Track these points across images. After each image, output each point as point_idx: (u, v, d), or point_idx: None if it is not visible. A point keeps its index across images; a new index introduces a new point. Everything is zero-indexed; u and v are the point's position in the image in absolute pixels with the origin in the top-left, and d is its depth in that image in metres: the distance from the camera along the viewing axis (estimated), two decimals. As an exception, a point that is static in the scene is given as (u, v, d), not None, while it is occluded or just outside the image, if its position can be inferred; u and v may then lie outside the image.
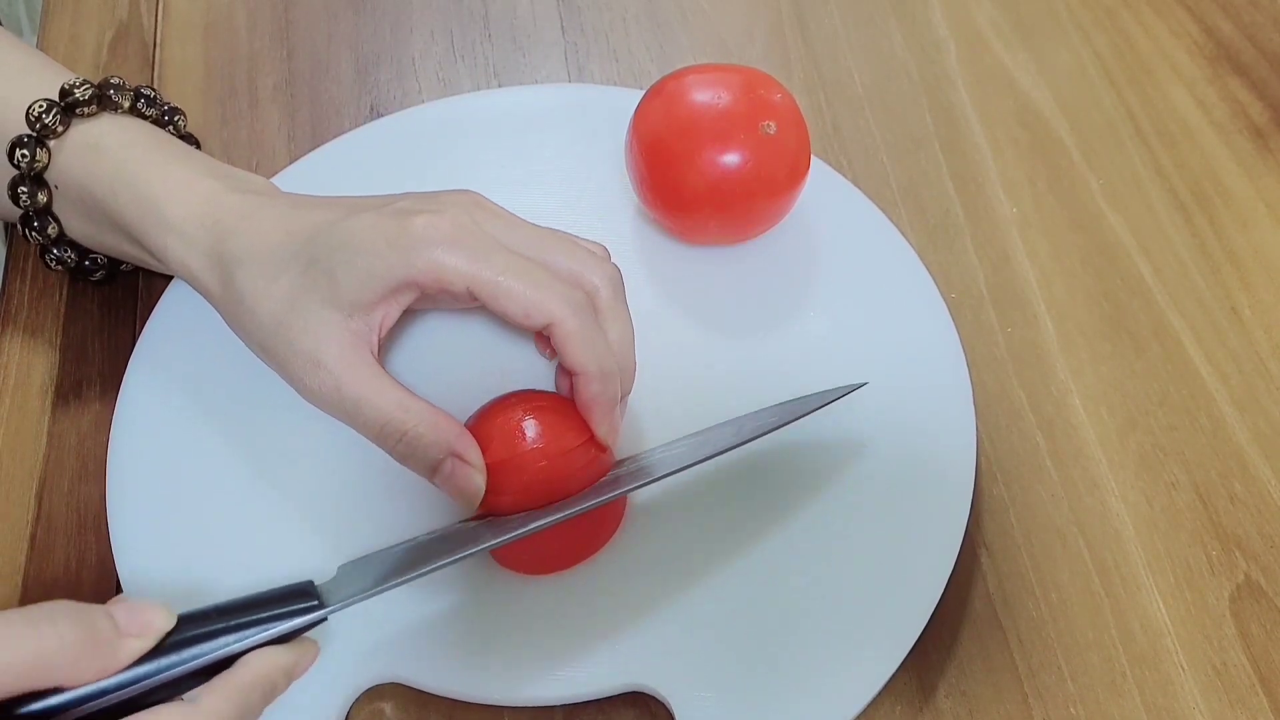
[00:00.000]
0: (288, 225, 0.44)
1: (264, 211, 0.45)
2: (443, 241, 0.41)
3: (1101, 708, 0.44)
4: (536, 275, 0.41)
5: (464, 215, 0.42)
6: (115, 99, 0.48)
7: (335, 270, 0.42)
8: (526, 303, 0.41)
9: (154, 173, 0.46)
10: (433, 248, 0.41)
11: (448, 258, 0.41)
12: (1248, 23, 0.64)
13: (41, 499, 0.48)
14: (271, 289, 0.42)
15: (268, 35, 0.63)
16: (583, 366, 0.42)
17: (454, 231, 0.41)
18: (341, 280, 0.41)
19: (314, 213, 0.44)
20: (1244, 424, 0.51)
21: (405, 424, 0.41)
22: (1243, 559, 0.47)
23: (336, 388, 0.41)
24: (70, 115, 0.47)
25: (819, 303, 0.52)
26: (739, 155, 0.48)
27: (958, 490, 0.47)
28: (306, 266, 0.42)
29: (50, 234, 0.49)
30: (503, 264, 0.41)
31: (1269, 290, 0.54)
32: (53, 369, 0.51)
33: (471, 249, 0.41)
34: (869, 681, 0.43)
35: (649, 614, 0.44)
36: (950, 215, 0.57)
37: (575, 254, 0.43)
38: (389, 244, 0.41)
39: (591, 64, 0.62)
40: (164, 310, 0.51)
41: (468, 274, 0.41)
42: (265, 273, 0.43)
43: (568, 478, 0.43)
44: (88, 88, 0.47)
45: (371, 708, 0.43)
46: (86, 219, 0.48)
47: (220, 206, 0.45)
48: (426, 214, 0.42)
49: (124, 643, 0.34)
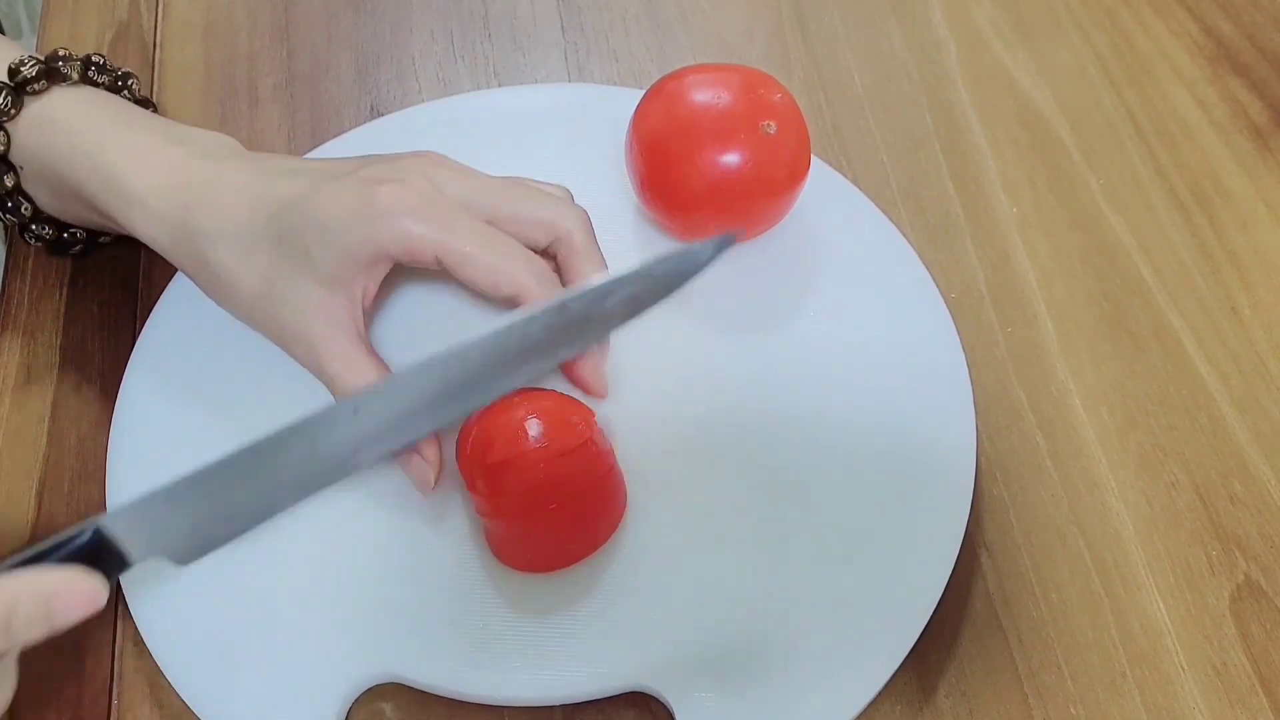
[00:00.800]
0: (254, 196, 0.44)
1: (226, 179, 0.45)
2: (409, 212, 0.42)
3: (1101, 708, 0.44)
4: (503, 246, 0.42)
5: (426, 181, 0.43)
6: (64, 71, 0.48)
7: (308, 248, 0.42)
8: (494, 273, 0.42)
9: (110, 143, 0.46)
10: (400, 219, 0.42)
11: (416, 228, 0.42)
12: (1248, 23, 0.64)
13: (41, 499, 0.48)
14: (247, 265, 0.43)
15: (268, 35, 0.63)
16: None
17: (419, 201, 0.42)
18: (316, 257, 0.42)
19: (279, 182, 0.44)
20: (1244, 424, 0.50)
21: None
22: (1243, 559, 0.47)
23: (318, 362, 0.43)
24: (21, 94, 0.47)
25: (819, 303, 0.52)
26: (739, 155, 0.48)
27: (958, 490, 0.47)
28: (278, 243, 0.43)
29: (25, 213, 0.49)
30: (469, 233, 0.42)
31: (1269, 290, 0.54)
32: (53, 369, 0.51)
33: (438, 218, 0.42)
34: (869, 681, 0.43)
35: (649, 614, 0.44)
36: (950, 215, 0.57)
37: (542, 201, 0.44)
38: (356, 218, 0.42)
39: (591, 64, 0.62)
40: (164, 310, 0.51)
41: (435, 243, 0.42)
42: (238, 249, 0.43)
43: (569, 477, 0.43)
44: (34, 64, 0.47)
45: (371, 708, 0.43)
46: (55, 195, 0.48)
47: (182, 176, 0.45)
48: (390, 183, 0.42)
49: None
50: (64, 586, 0.33)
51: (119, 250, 0.55)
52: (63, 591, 0.33)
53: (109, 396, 0.49)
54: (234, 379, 0.49)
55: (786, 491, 0.47)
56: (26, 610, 0.33)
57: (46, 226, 0.50)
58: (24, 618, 0.33)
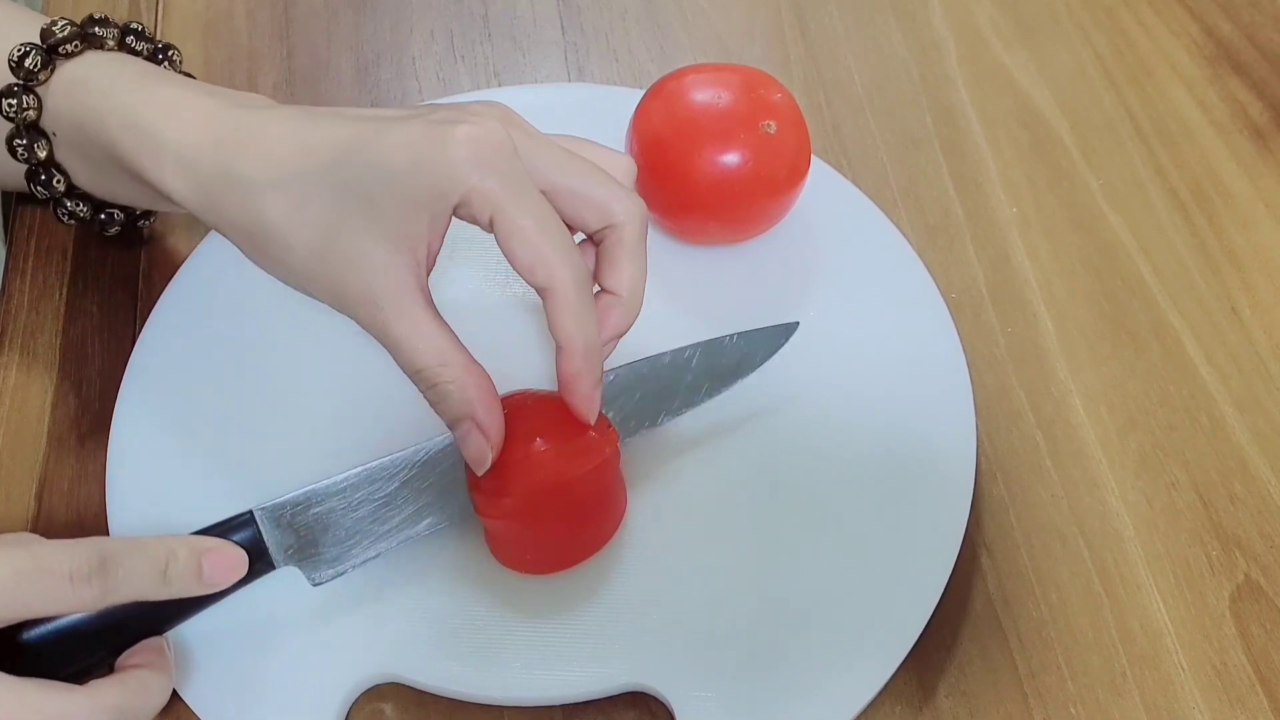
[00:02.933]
0: (305, 141, 0.40)
1: (273, 126, 0.41)
2: (481, 162, 0.38)
3: (1101, 708, 0.44)
4: (554, 234, 0.39)
5: (499, 131, 0.39)
6: (100, 34, 0.46)
7: (373, 197, 0.39)
8: (536, 259, 0.39)
9: (142, 97, 0.43)
10: (471, 170, 0.38)
11: (484, 181, 0.38)
12: (1248, 23, 0.64)
13: (41, 499, 0.48)
14: (300, 218, 0.40)
15: (268, 34, 0.63)
16: (569, 340, 0.40)
17: (493, 153, 0.39)
18: (382, 207, 0.39)
19: (334, 127, 0.41)
20: (1244, 424, 0.50)
21: (437, 378, 0.40)
22: (1243, 559, 0.47)
23: (385, 325, 0.39)
24: (54, 56, 0.45)
25: (819, 303, 0.52)
26: (739, 155, 0.48)
27: (958, 490, 0.47)
28: (339, 192, 0.39)
29: (58, 187, 0.47)
30: (532, 206, 0.39)
31: (1269, 290, 0.54)
32: (53, 369, 0.51)
33: (505, 177, 0.39)
34: (869, 681, 0.43)
35: (649, 614, 0.44)
36: (950, 215, 0.57)
37: (605, 183, 0.42)
38: (429, 162, 0.38)
39: (591, 64, 0.62)
40: (164, 310, 0.51)
41: (497, 204, 0.39)
42: (290, 200, 0.40)
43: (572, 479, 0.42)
44: (67, 25, 0.45)
45: (371, 708, 0.43)
46: (88, 162, 0.46)
47: (221, 123, 0.42)
48: (464, 126, 0.39)
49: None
50: (215, 548, 0.40)
51: (119, 250, 0.55)
52: (213, 552, 0.40)
53: (109, 396, 0.49)
54: (234, 378, 0.49)
55: (786, 492, 0.47)
56: (184, 561, 0.39)
57: (81, 204, 0.48)
58: (181, 567, 0.39)
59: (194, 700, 0.42)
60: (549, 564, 0.44)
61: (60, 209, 0.48)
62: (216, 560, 0.40)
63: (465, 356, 0.40)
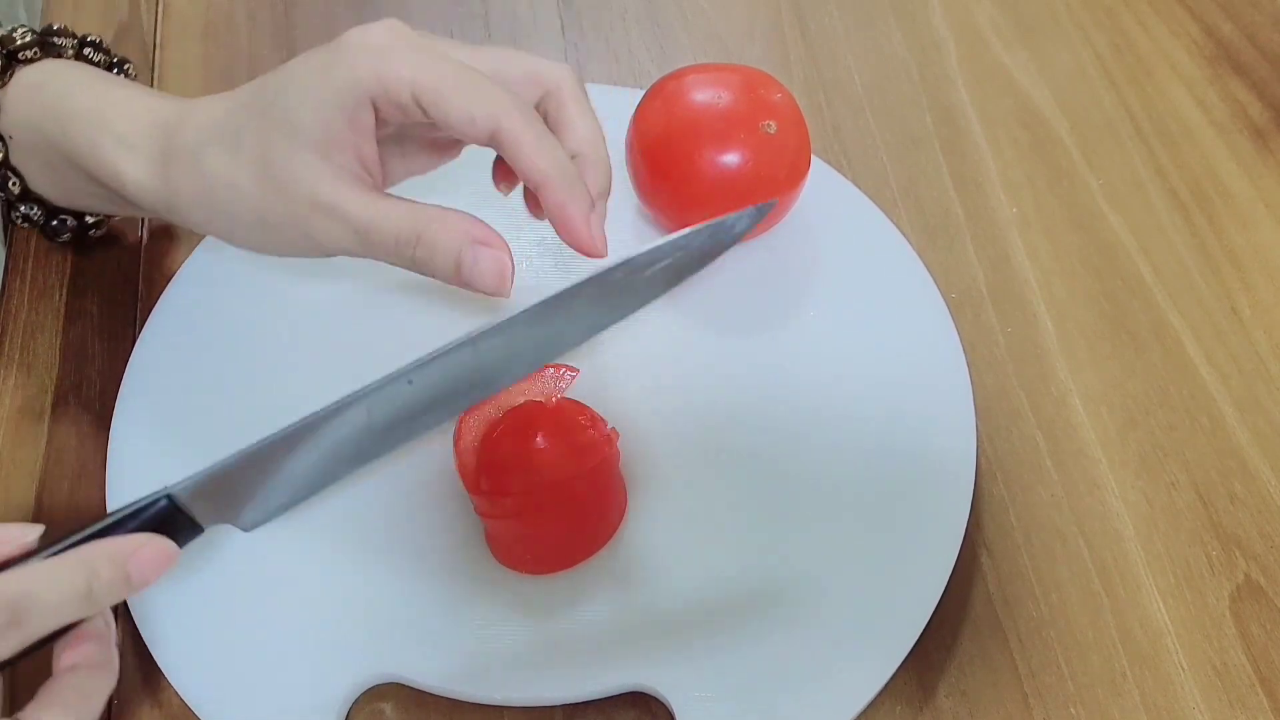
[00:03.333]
0: (229, 98, 0.42)
1: (209, 102, 0.43)
2: (381, 48, 0.40)
3: (1101, 708, 0.44)
4: (480, 80, 0.39)
5: (396, 26, 0.41)
6: (58, 44, 0.47)
7: (288, 111, 0.40)
8: (471, 104, 0.39)
9: (97, 99, 0.45)
10: (374, 56, 0.39)
11: (391, 64, 0.39)
12: (1248, 23, 0.64)
13: (41, 499, 0.48)
14: (238, 157, 0.40)
15: (268, 35, 0.63)
16: (542, 173, 0.39)
17: (392, 38, 0.40)
18: (298, 118, 0.39)
19: (251, 82, 0.43)
20: (1244, 424, 0.51)
21: (416, 227, 0.39)
22: (1243, 559, 0.47)
23: (344, 220, 0.39)
24: (12, 62, 0.46)
25: (819, 303, 0.52)
26: (739, 155, 0.48)
27: (958, 490, 0.47)
28: (260, 120, 0.40)
29: (13, 189, 0.48)
30: (448, 68, 0.39)
31: (1269, 290, 0.54)
32: (53, 369, 0.51)
33: (413, 55, 0.40)
34: (869, 681, 0.43)
35: (649, 614, 0.44)
36: (950, 215, 0.57)
37: (525, 57, 0.42)
38: (329, 66, 0.40)
39: (591, 64, 0.62)
40: (164, 310, 0.51)
41: (410, 78, 0.39)
42: (226, 145, 0.41)
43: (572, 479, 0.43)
44: (27, 33, 0.46)
45: (371, 708, 0.43)
46: (44, 165, 0.47)
47: (166, 110, 0.44)
48: (357, 29, 0.41)
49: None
50: (139, 549, 0.36)
51: (119, 250, 0.55)
52: (138, 554, 0.35)
53: (109, 397, 0.49)
54: (234, 378, 0.49)
55: (786, 492, 0.47)
56: (107, 575, 0.35)
57: (36, 207, 0.49)
58: (105, 582, 0.35)
59: (194, 700, 0.42)
60: (549, 564, 0.44)
61: (13, 212, 0.49)
62: (144, 561, 0.36)
63: (434, 206, 0.40)
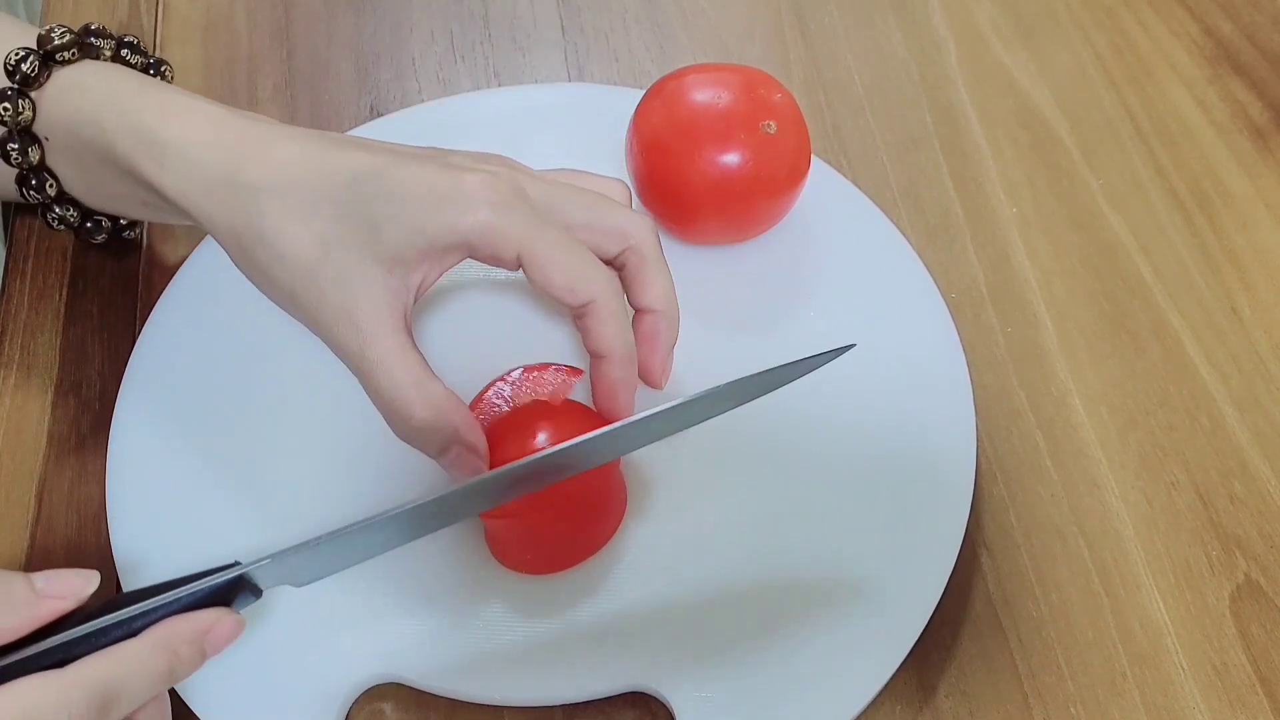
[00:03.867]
0: (321, 162, 0.41)
1: (287, 143, 0.42)
2: (500, 203, 0.40)
3: (1101, 708, 0.44)
4: (584, 253, 0.41)
5: (513, 177, 0.41)
6: (96, 45, 0.46)
7: (380, 221, 0.40)
8: (573, 277, 0.41)
9: (143, 101, 0.44)
10: (489, 209, 0.40)
11: (503, 220, 0.40)
12: (1248, 23, 0.64)
13: (41, 499, 0.48)
14: (302, 230, 0.40)
15: (268, 35, 0.63)
16: (611, 349, 0.42)
17: (507, 194, 0.40)
18: (386, 232, 0.40)
19: (349, 154, 0.41)
20: (1244, 424, 0.50)
21: (412, 409, 0.40)
22: (1243, 559, 0.47)
23: (361, 347, 0.40)
24: (50, 63, 0.45)
25: (819, 303, 0.52)
26: (739, 155, 0.48)
27: (958, 490, 0.47)
28: (344, 211, 0.40)
29: (49, 191, 0.47)
30: (555, 236, 0.41)
31: (1269, 290, 0.54)
32: (52, 369, 0.51)
33: (525, 214, 0.40)
34: (869, 681, 0.43)
35: (649, 614, 0.44)
36: (950, 215, 0.57)
37: (616, 211, 0.44)
38: (442, 199, 0.40)
39: (591, 64, 0.62)
40: (164, 310, 0.51)
41: (521, 240, 0.40)
42: (295, 209, 0.40)
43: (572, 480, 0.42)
44: (66, 33, 0.46)
45: (371, 708, 0.43)
46: (81, 167, 0.46)
47: (230, 129, 0.42)
48: (480, 173, 0.40)
49: (41, 603, 0.36)
50: (214, 626, 0.38)
51: (119, 250, 0.55)
52: (214, 631, 0.38)
53: (109, 396, 0.49)
54: (234, 379, 0.49)
55: (786, 492, 0.47)
56: (186, 654, 0.37)
57: (71, 209, 0.48)
58: (184, 660, 0.37)
59: (194, 700, 0.42)
60: (549, 564, 0.44)
61: (49, 214, 0.49)
62: (218, 637, 0.38)
63: (441, 386, 0.41)
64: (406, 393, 0.40)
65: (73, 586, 0.36)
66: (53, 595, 0.36)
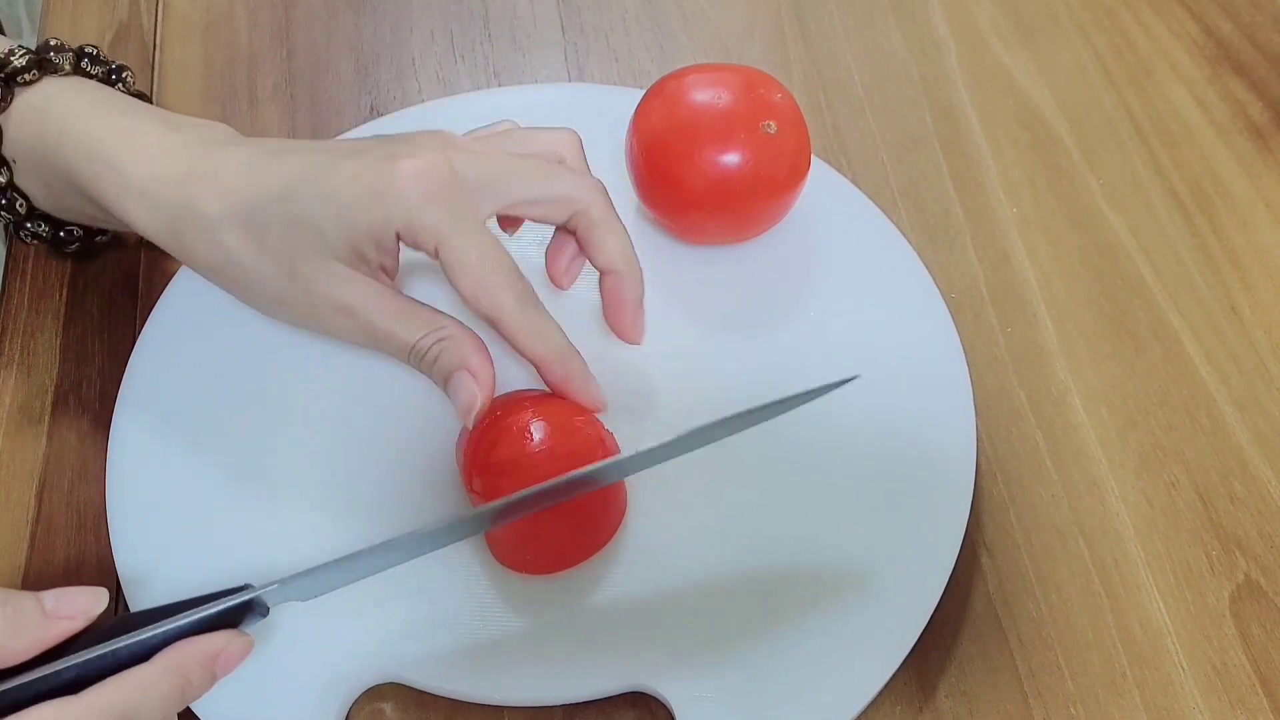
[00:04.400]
0: (259, 176, 0.42)
1: (230, 164, 0.43)
2: (424, 197, 0.41)
3: (1101, 708, 0.44)
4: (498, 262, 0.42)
5: (446, 164, 0.42)
6: (55, 61, 0.47)
7: (322, 224, 0.41)
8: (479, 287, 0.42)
9: (104, 131, 0.45)
10: (412, 204, 0.41)
11: (425, 216, 0.41)
12: (1248, 23, 0.64)
13: (41, 499, 0.48)
14: (260, 250, 0.42)
15: (268, 35, 0.63)
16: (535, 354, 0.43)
17: (436, 186, 0.41)
18: (330, 234, 0.41)
19: (287, 160, 0.43)
20: (1244, 424, 0.50)
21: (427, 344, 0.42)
22: (1243, 559, 0.47)
23: (367, 325, 0.42)
24: (11, 85, 0.46)
25: (819, 303, 0.52)
26: (739, 155, 0.48)
27: (958, 490, 0.47)
28: (291, 224, 0.41)
29: (20, 210, 0.48)
30: (471, 237, 0.41)
31: (1269, 290, 0.54)
32: (53, 369, 0.51)
33: (446, 210, 0.41)
34: (869, 681, 0.43)
35: (649, 614, 0.44)
36: (950, 215, 0.57)
37: (558, 177, 0.44)
38: (375, 196, 0.41)
39: (591, 64, 0.62)
40: (164, 310, 0.51)
41: (439, 237, 0.41)
42: (250, 234, 0.42)
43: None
44: (25, 54, 0.46)
45: (371, 708, 0.43)
46: (49, 189, 0.47)
47: (181, 159, 0.43)
48: (408, 161, 0.41)
49: (51, 623, 0.35)
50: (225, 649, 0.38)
51: (119, 250, 0.55)
52: (224, 654, 0.38)
53: (109, 396, 0.49)
54: (233, 378, 0.49)
55: (786, 492, 0.47)
56: (198, 676, 0.37)
57: (42, 224, 0.49)
58: (196, 683, 0.37)
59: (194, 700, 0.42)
60: (549, 564, 0.44)
61: (21, 231, 0.49)
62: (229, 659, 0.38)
63: (450, 318, 0.43)
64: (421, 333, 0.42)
65: (82, 606, 0.36)
66: (63, 616, 0.36)
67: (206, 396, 0.49)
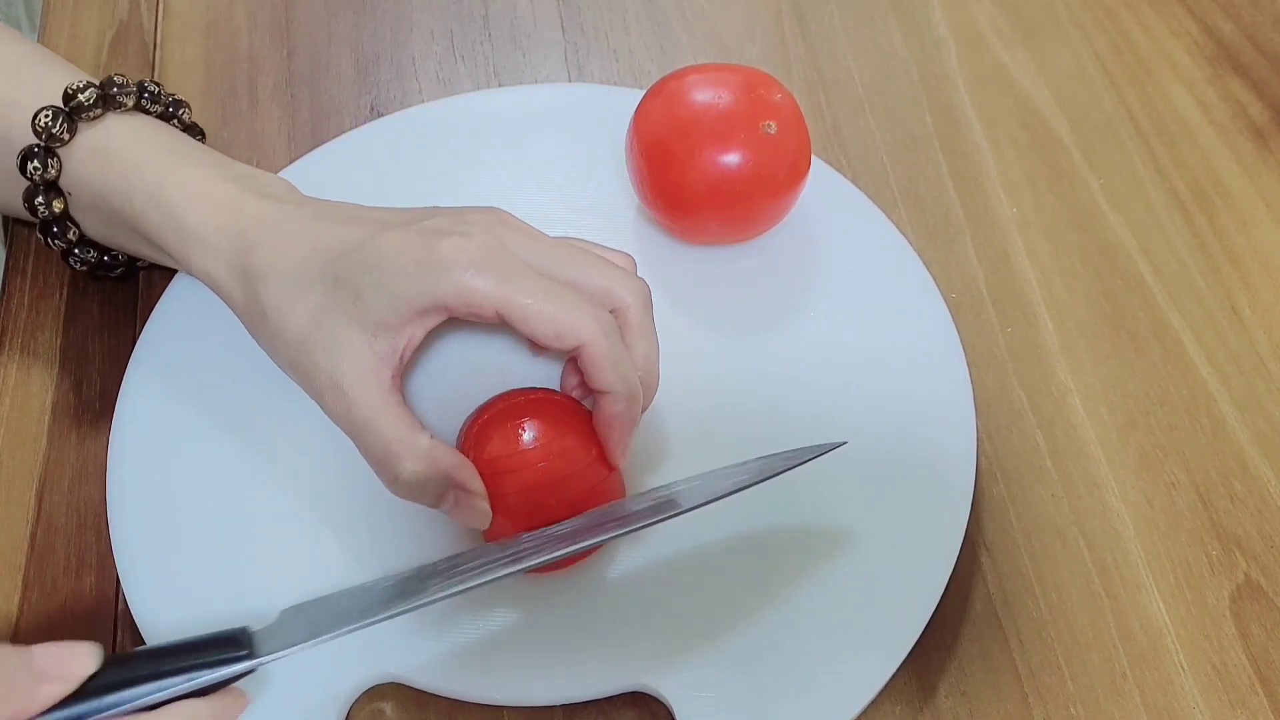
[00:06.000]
0: (313, 241, 0.43)
1: (288, 224, 0.44)
2: (471, 265, 0.41)
3: (1101, 708, 0.44)
4: (566, 298, 0.41)
5: (491, 236, 0.42)
6: (119, 99, 0.48)
7: (362, 291, 0.41)
8: (557, 325, 0.41)
9: (168, 177, 0.46)
10: (461, 271, 0.41)
11: (477, 281, 0.41)
12: (1248, 23, 0.64)
13: (41, 499, 0.48)
14: (296, 306, 0.42)
15: (268, 35, 0.63)
16: (610, 386, 0.42)
17: (482, 254, 0.41)
18: (368, 301, 0.41)
19: (340, 228, 0.44)
20: (1244, 424, 0.51)
21: (400, 462, 0.41)
22: (1243, 559, 0.47)
23: (349, 409, 0.42)
24: (76, 120, 0.47)
25: (819, 303, 0.52)
26: (739, 155, 0.48)
27: (958, 490, 0.47)
28: (333, 285, 0.42)
29: (71, 238, 0.49)
30: (532, 287, 0.41)
31: (1269, 290, 0.54)
32: (53, 369, 0.51)
33: (500, 272, 0.41)
34: (869, 681, 0.43)
35: (649, 614, 0.44)
36: (950, 215, 0.57)
37: (605, 270, 0.43)
38: (418, 266, 0.41)
39: (591, 64, 0.62)
40: (164, 310, 0.51)
41: (497, 298, 0.41)
42: (290, 290, 0.43)
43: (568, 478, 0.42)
44: (91, 91, 0.47)
45: (371, 708, 0.43)
46: (104, 223, 0.48)
47: (242, 215, 0.45)
48: (455, 236, 0.41)
49: (40, 687, 0.35)
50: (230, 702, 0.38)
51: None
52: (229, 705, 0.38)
53: (109, 396, 0.49)
54: (234, 379, 0.49)
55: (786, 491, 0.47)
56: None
57: (90, 250, 0.50)
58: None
59: (194, 700, 0.42)
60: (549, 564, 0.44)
61: (70, 256, 0.50)
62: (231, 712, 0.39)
63: (429, 436, 0.42)
64: (392, 447, 0.41)
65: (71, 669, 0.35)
66: (51, 678, 0.35)
67: (207, 396, 0.49)
